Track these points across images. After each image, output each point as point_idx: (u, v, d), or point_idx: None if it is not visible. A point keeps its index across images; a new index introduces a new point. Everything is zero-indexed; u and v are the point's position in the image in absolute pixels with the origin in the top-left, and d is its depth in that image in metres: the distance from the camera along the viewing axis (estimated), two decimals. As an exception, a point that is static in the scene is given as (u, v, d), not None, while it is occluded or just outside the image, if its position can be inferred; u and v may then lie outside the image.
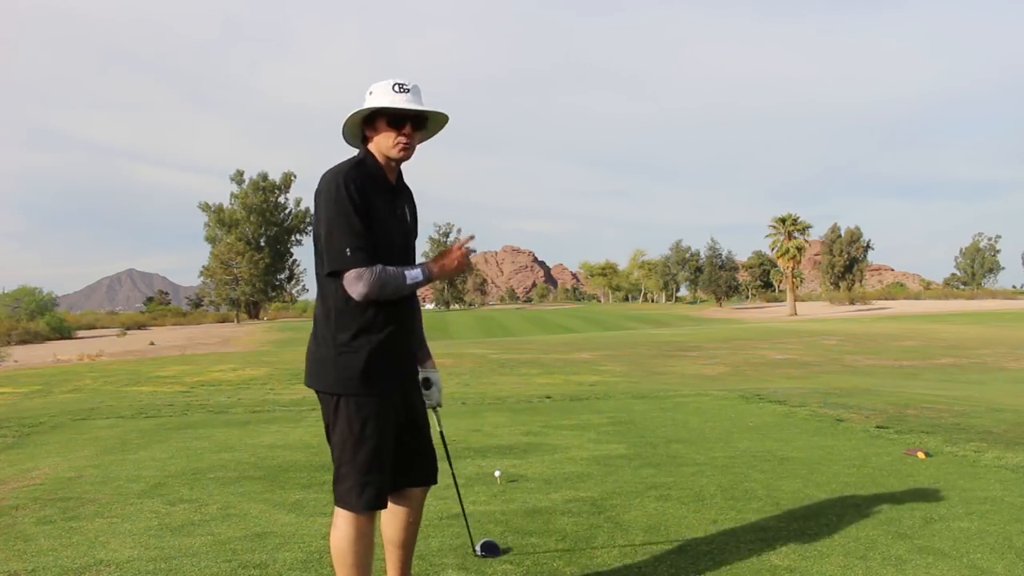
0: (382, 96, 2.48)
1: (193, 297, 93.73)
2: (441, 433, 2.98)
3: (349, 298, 2.39)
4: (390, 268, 2.39)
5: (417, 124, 2.53)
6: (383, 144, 2.52)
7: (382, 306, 2.44)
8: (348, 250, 2.34)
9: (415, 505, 2.71)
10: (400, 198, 2.62)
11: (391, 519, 2.68)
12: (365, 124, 2.54)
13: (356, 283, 2.36)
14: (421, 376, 2.73)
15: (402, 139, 2.49)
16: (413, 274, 2.42)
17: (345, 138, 2.61)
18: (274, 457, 5.68)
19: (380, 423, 2.45)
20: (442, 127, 2.67)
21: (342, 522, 2.45)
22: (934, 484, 4.55)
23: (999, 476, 4.77)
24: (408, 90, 2.50)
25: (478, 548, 3.37)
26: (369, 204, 2.42)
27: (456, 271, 2.50)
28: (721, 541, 3.52)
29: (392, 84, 2.50)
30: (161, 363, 21.81)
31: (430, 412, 2.76)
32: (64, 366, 24.48)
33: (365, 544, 2.46)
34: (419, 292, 2.70)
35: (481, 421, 7.48)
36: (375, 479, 2.44)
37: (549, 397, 9.94)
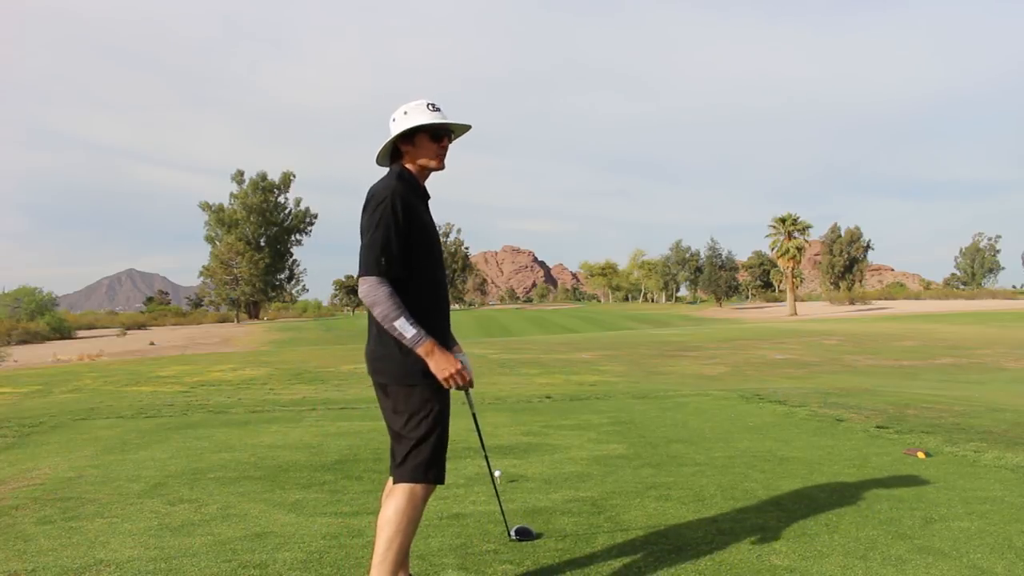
0: (419, 115, 2.81)
1: (193, 297, 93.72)
2: (474, 415, 3.31)
3: (416, 300, 2.70)
4: (396, 299, 2.63)
5: (450, 137, 2.90)
6: (422, 156, 2.84)
7: (433, 307, 2.77)
8: (382, 260, 2.61)
9: None
10: (428, 204, 2.95)
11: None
12: (403, 142, 2.84)
13: (371, 289, 2.63)
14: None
15: (442, 151, 2.86)
16: (406, 328, 2.64)
17: (378, 160, 2.91)
18: (274, 457, 5.68)
19: (446, 408, 2.79)
20: (460, 136, 3.00)
21: (409, 495, 2.69)
22: (934, 484, 4.55)
23: (999, 476, 4.77)
24: (439, 109, 2.86)
25: (512, 532, 3.52)
26: (413, 215, 2.72)
27: (439, 376, 2.69)
28: (721, 541, 3.52)
29: (426, 104, 2.84)
30: (161, 363, 21.81)
31: (462, 393, 2.96)
32: (64, 366, 24.48)
33: (421, 514, 2.76)
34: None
35: (481, 421, 7.47)
36: (443, 457, 2.77)
37: (549, 397, 9.94)
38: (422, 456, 2.71)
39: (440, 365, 2.66)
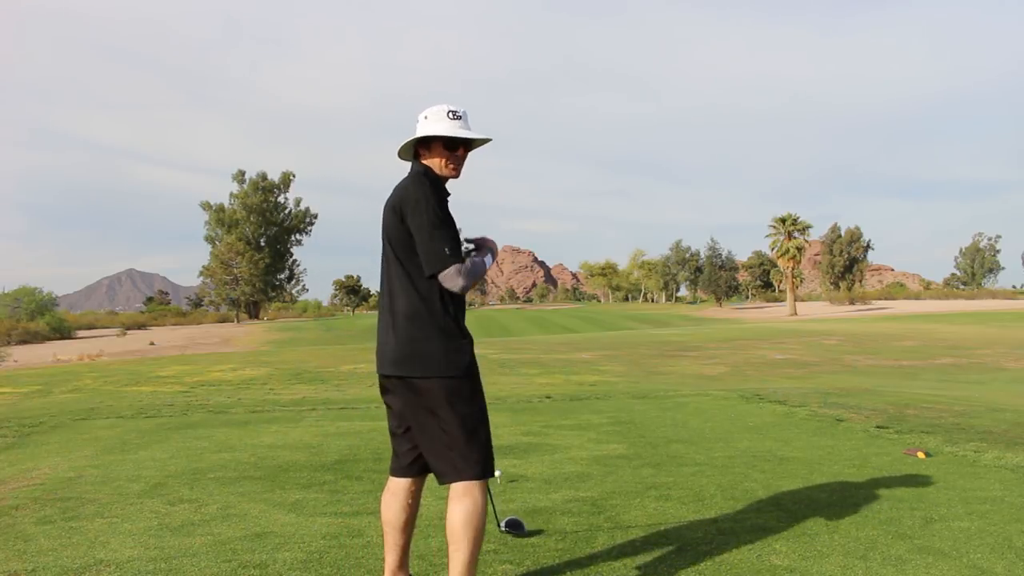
0: (437, 123, 2.78)
1: (193, 297, 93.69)
2: None
3: (450, 295, 2.71)
4: (467, 261, 2.72)
5: (467, 147, 2.86)
6: (437, 164, 2.82)
7: (460, 305, 2.79)
8: (447, 250, 2.63)
9: (419, 490, 2.92)
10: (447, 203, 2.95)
11: (392, 502, 2.86)
12: (420, 145, 2.83)
13: (456, 278, 2.65)
14: None
15: (455, 160, 2.82)
16: (487, 260, 2.81)
17: (399, 154, 2.91)
18: (274, 457, 5.68)
19: (484, 402, 2.82)
20: (479, 147, 2.96)
21: (474, 493, 2.65)
22: (934, 484, 4.55)
23: (999, 476, 4.77)
24: (460, 116, 2.81)
25: (502, 524, 3.46)
26: (445, 211, 2.75)
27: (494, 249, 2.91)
28: (721, 541, 3.52)
29: (447, 111, 2.80)
30: (161, 363, 21.81)
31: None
32: (64, 366, 24.48)
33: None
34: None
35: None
36: (491, 450, 2.76)
37: (549, 397, 9.94)
38: (482, 450, 2.70)
39: (492, 246, 2.89)
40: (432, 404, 2.69)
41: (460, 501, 2.64)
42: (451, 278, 2.64)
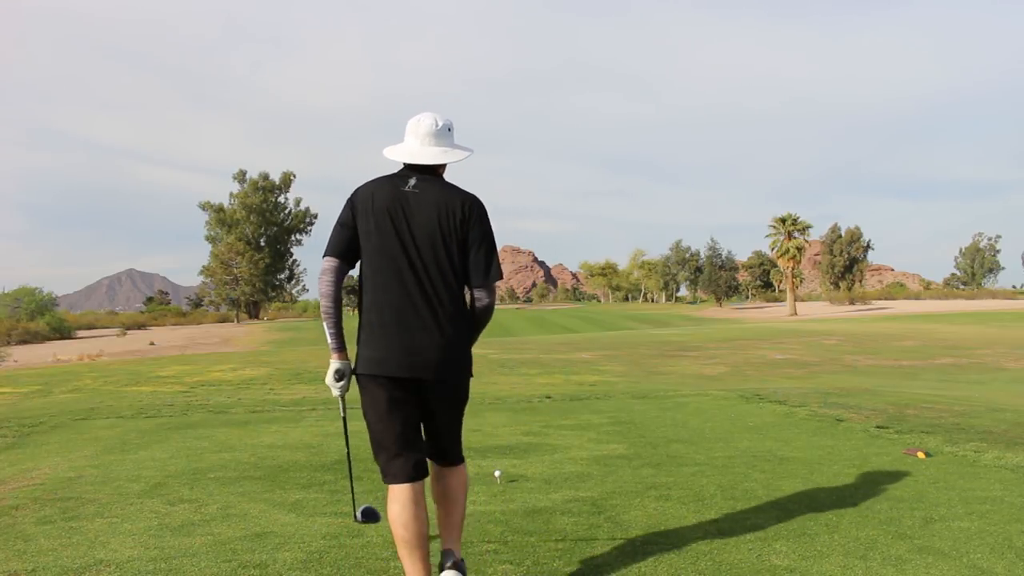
0: (463, 149, 2.91)
1: (193, 297, 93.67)
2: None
3: (468, 301, 2.86)
4: None
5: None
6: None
7: None
8: (500, 267, 2.83)
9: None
10: None
11: (416, 511, 2.80)
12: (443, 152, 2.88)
13: (495, 293, 2.90)
14: None
15: None
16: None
17: (434, 157, 2.83)
18: (274, 457, 5.68)
19: None
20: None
21: (464, 468, 3.03)
22: (934, 484, 4.55)
23: (999, 476, 4.77)
24: (421, 131, 2.82)
25: (358, 514, 3.13)
26: None
27: None
28: (721, 541, 3.52)
29: (408, 123, 2.87)
30: (161, 363, 21.80)
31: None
32: (64, 366, 24.48)
33: None
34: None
35: (481, 421, 7.47)
36: None
37: (549, 397, 9.94)
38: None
39: None
40: (460, 399, 2.93)
41: (462, 473, 3.01)
42: (495, 291, 2.87)
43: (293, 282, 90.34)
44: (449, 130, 2.83)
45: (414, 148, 2.80)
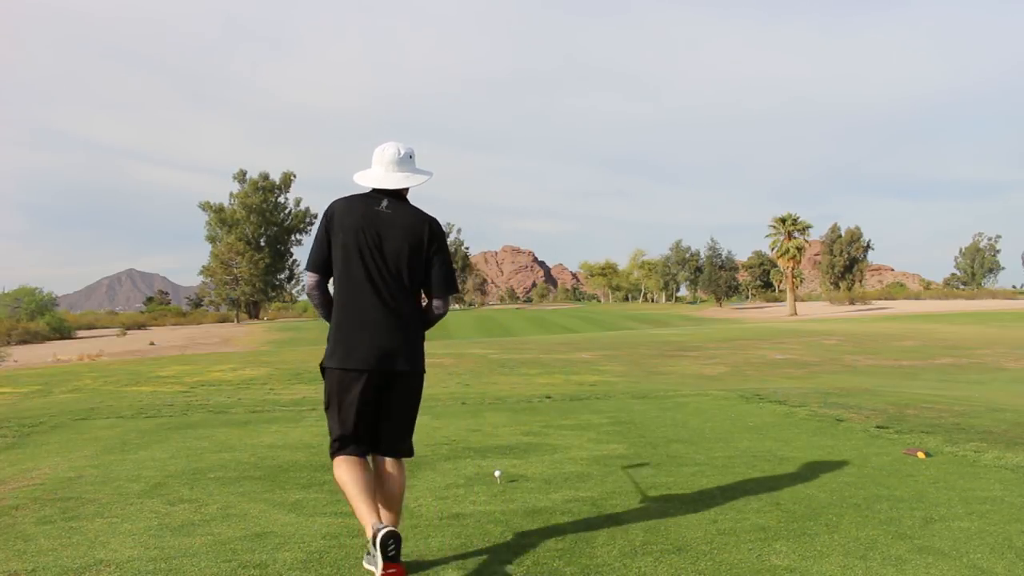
0: (422, 173, 3.31)
1: (193, 297, 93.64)
2: None
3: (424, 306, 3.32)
4: None
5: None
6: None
7: None
8: (456, 281, 3.31)
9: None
10: None
11: (360, 468, 3.19)
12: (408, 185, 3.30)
13: (450, 302, 3.33)
14: None
15: None
16: None
17: (396, 181, 3.24)
18: (274, 457, 5.68)
19: None
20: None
21: (403, 467, 3.32)
22: (934, 484, 4.55)
23: (999, 476, 4.77)
24: (385, 160, 3.21)
25: None
26: None
27: None
28: (721, 541, 3.52)
29: (375, 151, 3.27)
30: (161, 363, 21.80)
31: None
32: (64, 366, 24.48)
33: None
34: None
35: (481, 421, 7.48)
36: None
37: (549, 397, 9.94)
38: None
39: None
40: (414, 393, 3.28)
41: (403, 471, 3.29)
42: (450, 300, 3.30)
43: (293, 282, 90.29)
44: (410, 157, 3.23)
45: (380, 175, 3.21)
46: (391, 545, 2.88)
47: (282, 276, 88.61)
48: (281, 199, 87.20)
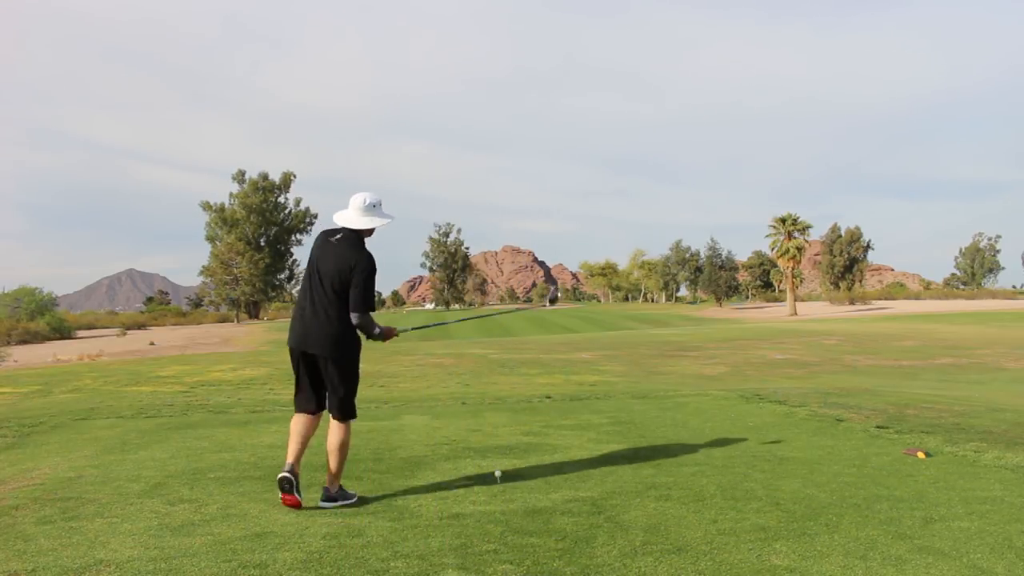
0: (383, 217, 4.45)
1: (193, 297, 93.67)
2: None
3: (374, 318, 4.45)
4: (372, 318, 4.37)
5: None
6: (366, 237, 4.50)
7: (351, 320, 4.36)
8: (371, 303, 4.32)
9: (316, 420, 4.47)
10: None
11: (305, 421, 4.37)
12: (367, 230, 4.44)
13: (365, 317, 4.31)
14: None
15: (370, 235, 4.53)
16: (377, 329, 4.41)
17: (351, 220, 4.38)
18: (274, 457, 5.68)
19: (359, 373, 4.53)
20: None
21: (348, 427, 4.40)
22: (934, 484, 4.55)
23: (999, 476, 4.78)
24: (355, 205, 4.35)
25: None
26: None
27: (388, 339, 4.52)
28: (721, 541, 3.53)
29: (351, 199, 4.40)
30: (161, 363, 21.80)
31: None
32: (64, 366, 24.48)
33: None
34: (420, 291, 3.21)
35: (481, 421, 7.48)
36: (354, 406, 4.46)
37: (549, 397, 9.94)
38: (353, 401, 4.40)
39: (389, 335, 4.50)
40: (342, 368, 4.32)
41: (341, 432, 4.34)
42: (364, 315, 4.29)
43: (293, 282, 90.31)
44: (375, 206, 4.35)
45: (351, 216, 4.37)
46: (285, 485, 4.13)
47: (282, 276, 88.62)
48: (281, 199, 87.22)
